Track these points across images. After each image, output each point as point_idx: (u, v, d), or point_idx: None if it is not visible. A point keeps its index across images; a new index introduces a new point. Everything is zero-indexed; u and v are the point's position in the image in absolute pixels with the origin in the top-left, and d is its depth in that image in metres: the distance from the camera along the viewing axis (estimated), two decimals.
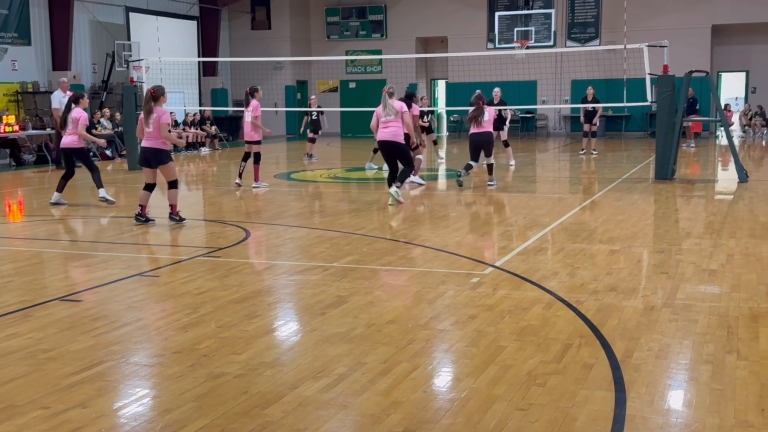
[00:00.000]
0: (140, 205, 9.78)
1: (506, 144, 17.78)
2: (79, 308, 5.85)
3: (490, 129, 13.36)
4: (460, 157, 20.58)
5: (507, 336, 5.04)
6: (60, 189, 11.63)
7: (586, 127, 20.42)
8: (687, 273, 6.78)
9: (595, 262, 7.29)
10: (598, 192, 12.53)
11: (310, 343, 4.99)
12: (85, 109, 11.47)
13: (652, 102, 14.93)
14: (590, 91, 20.42)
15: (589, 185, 13.92)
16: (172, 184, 9.76)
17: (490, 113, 13.34)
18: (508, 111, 18.25)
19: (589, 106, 19.99)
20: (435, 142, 18.96)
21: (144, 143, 9.78)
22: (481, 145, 13.26)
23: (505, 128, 17.90)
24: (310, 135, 19.54)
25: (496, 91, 18.06)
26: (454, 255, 7.69)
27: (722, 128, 18.07)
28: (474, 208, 11.33)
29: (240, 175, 13.76)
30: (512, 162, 17.24)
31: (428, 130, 18.16)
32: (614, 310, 5.60)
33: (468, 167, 13.34)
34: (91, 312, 5.75)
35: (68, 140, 11.42)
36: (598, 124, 20.68)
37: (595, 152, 20.16)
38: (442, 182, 15.10)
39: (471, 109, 13.30)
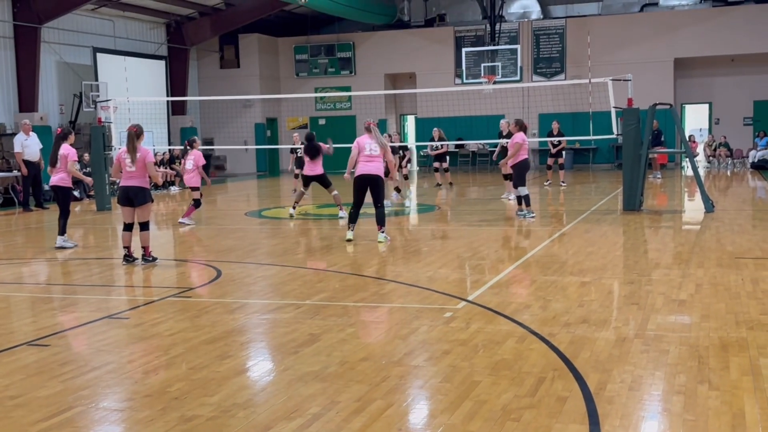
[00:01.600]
0: (125, 247, 9.75)
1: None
2: (46, 353, 5.75)
3: (526, 155, 13.52)
4: (431, 191, 20.68)
5: (481, 371, 5.03)
6: (62, 231, 11.28)
7: (550, 160, 20.88)
8: (657, 304, 6.84)
9: (566, 294, 7.33)
10: (568, 224, 12.65)
11: (283, 382, 4.94)
12: (72, 145, 11.32)
13: (618, 134, 15.16)
14: (555, 125, 20.69)
15: (558, 217, 14.03)
16: (144, 226, 9.70)
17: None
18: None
19: (555, 139, 20.33)
20: (406, 177, 19.09)
21: (126, 182, 9.66)
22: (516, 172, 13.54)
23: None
24: (297, 171, 19.59)
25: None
26: (426, 290, 7.70)
27: (687, 159, 18.37)
28: (445, 243, 11.36)
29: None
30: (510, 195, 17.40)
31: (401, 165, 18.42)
32: (586, 342, 5.62)
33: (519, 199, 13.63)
34: (59, 356, 5.66)
35: (57, 178, 11.21)
36: (564, 157, 21.04)
37: (564, 184, 20.41)
38: (413, 217, 15.14)
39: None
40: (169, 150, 24.72)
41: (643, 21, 27.92)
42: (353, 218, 11.10)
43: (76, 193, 20.03)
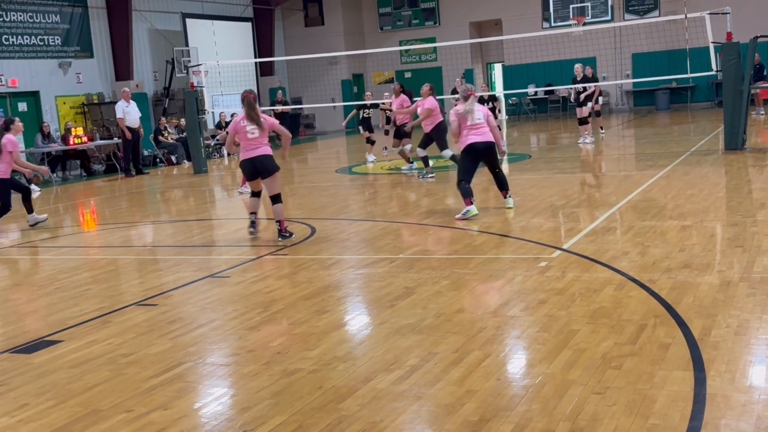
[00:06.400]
0: (251, 213, 8.86)
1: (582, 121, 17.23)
2: (155, 312, 6.01)
3: (440, 118, 12.96)
4: (521, 140, 20.37)
5: (579, 319, 4.97)
6: (30, 210, 10.93)
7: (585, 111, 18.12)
8: (763, 245, 6.58)
9: (666, 239, 7.14)
10: (666, 167, 12.24)
11: (380, 335, 5.02)
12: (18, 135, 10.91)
13: (717, 71, 14.51)
14: (589, 70, 18.42)
15: (656, 160, 13.59)
16: (274, 199, 8.58)
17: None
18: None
19: (580, 86, 17.83)
20: (498, 128, 18.78)
21: (255, 152, 8.49)
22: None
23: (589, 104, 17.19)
24: (387, 127, 18.21)
25: (577, 67, 17.62)
26: (519, 240, 7.63)
27: None
28: (538, 191, 11.19)
29: None
30: (586, 140, 16.90)
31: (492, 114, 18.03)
32: (689, 288, 5.47)
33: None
34: (166, 315, 5.90)
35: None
36: (600, 103, 18.57)
37: (589, 141, 17.87)
38: (504, 167, 14.95)
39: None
40: (273, 111, 25.12)
41: None
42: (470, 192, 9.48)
43: (173, 158, 20.67)
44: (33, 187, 16.72)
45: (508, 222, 8.62)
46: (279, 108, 24.05)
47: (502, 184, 9.64)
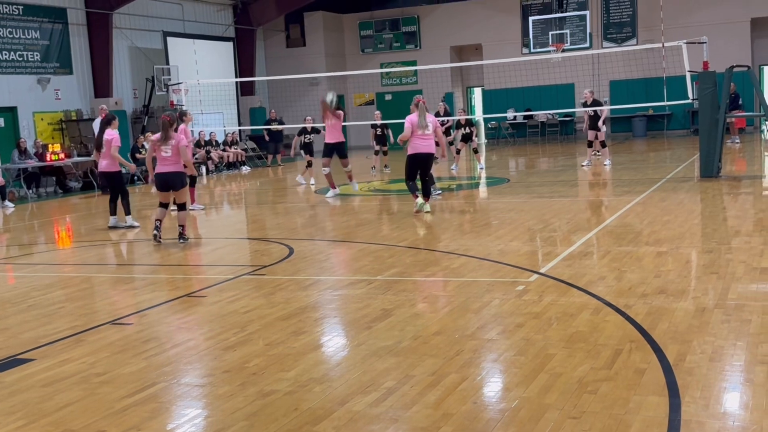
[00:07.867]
0: (156, 220, 10.10)
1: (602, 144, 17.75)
2: (129, 331, 5.94)
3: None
4: (500, 164, 20.48)
5: (555, 343, 4.99)
6: (113, 212, 11.94)
7: (591, 134, 17.86)
8: (738, 272, 6.65)
9: (642, 264, 7.19)
10: (643, 193, 12.36)
11: (357, 357, 5.00)
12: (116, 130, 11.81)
13: (693, 99, 14.73)
14: (588, 95, 17.85)
15: (633, 186, 13.72)
16: (181, 206, 10.10)
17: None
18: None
19: (590, 110, 17.53)
20: (476, 151, 18.95)
21: (168, 168, 9.97)
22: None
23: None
24: (376, 147, 20.04)
25: (586, 92, 17.75)
26: (498, 263, 7.65)
27: (767, 123, 17.70)
28: (516, 215, 11.25)
29: None
30: (605, 162, 17.33)
31: (469, 138, 18.31)
32: (664, 313, 5.51)
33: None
34: (141, 335, 5.84)
35: (104, 164, 11.79)
36: (603, 128, 17.69)
37: (607, 163, 17.77)
38: (483, 190, 15.03)
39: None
40: (240, 130, 25.07)
41: None
42: (415, 189, 11.61)
43: None
44: (7, 203, 16.57)
45: (486, 245, 8.65)
46: (273, 127, 24.04)
47: (426, 191, 11.45)
